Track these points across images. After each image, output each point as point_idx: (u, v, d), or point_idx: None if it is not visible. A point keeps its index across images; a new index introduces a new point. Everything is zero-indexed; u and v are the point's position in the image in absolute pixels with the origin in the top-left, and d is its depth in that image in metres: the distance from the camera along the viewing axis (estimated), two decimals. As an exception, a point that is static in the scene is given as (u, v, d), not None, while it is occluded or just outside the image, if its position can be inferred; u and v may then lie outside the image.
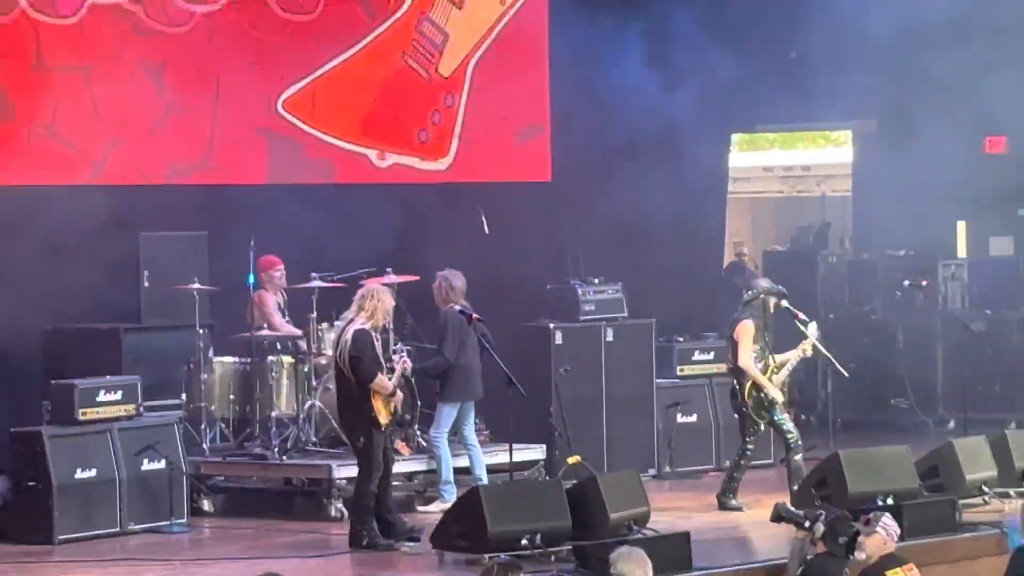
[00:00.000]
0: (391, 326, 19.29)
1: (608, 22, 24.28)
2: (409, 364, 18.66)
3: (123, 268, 21.03)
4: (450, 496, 19.13)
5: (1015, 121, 27.49)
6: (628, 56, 24.20)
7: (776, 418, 19.78)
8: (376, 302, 18.15)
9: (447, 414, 19.77)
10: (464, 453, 19.91)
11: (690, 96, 24.92)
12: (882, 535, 15.37)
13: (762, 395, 19.70)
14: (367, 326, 18.05)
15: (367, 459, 17.98)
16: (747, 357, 19.62)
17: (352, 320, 18.05)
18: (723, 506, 19.77)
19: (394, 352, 18.69)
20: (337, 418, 19.55)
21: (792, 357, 19.95)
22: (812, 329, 20.18)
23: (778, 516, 16.92)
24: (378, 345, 18.27)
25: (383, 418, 17.96)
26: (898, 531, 15.61)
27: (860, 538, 15.42)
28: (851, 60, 25.97)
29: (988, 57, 26.13)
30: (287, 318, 20.99)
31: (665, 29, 24.26)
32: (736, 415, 20.38)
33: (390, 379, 18.09)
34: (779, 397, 19.75)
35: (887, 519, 15.57)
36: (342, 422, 18.64)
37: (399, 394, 18.29)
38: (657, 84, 24.27)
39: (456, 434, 19.95)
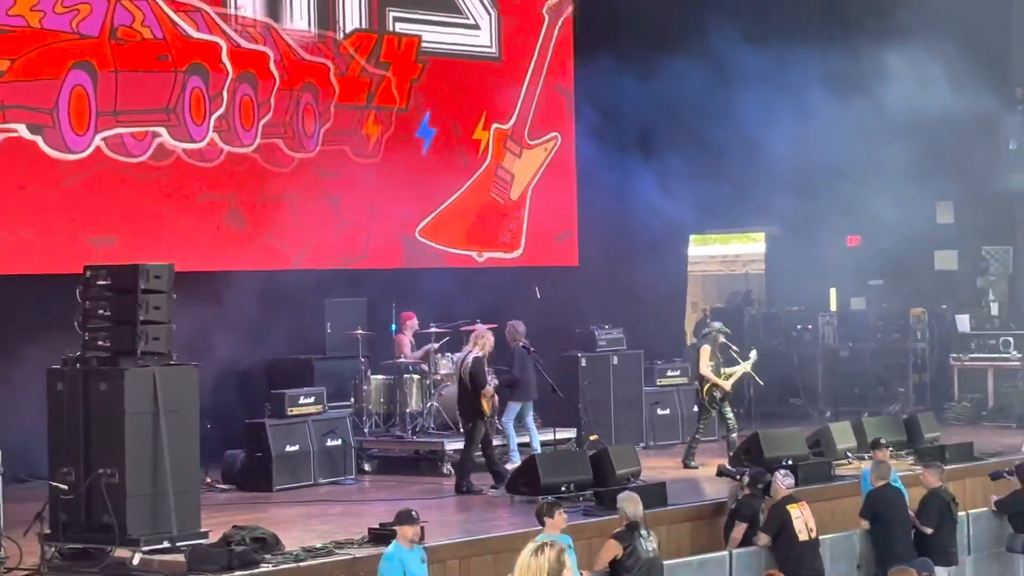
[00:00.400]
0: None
1: (620, 162, 24.18)
2: (496, 380, 19.00)
3: (315, 320, 21.09)
4: (516, 460, 18.99)
5: (865, 226, 27.27)
6: (630, 183, 24.07)
7: (722, 409, 19.66)
8: (484, 339, 18.49)
9: (512, 409, 19.61)
10: (526, 434, 19.68)
11: (666, 210, 24.47)
12: (783, 483, 15.70)
13: (714, 393, 19.55)
14: (480, 354, 18.34)
15: (472, 437, 18.20)
16: (706, 368, 19.55)
17: (471, 350, 18.32)
18: (686, 466, 19.65)
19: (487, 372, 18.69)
20: (455, 411, 19.38)
21: (739, 371, 19.82)
22: (753, 355, 20.10)
23: (720, 472, 17.17)
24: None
25: (486, 411, 18.29)
26: (793, 481, 15.90)
27: (771, 485, 15.81)
28: (765, 188, 25.72)
29: (852, 187, 25.72)
30: (416, 351, 20.86)
31: (656, 168, 23.96)
32: (696, 407, 20.54)
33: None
34: (728, 391, 19.56)
35: (787, 474, 15.97)
36: (460, 413, 18.67)
37: (496, 398, 18.71)
38: (645, 203, 24.04)
39: (520, 422, 19.69)
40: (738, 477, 16.50)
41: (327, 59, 21.92)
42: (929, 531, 16.33)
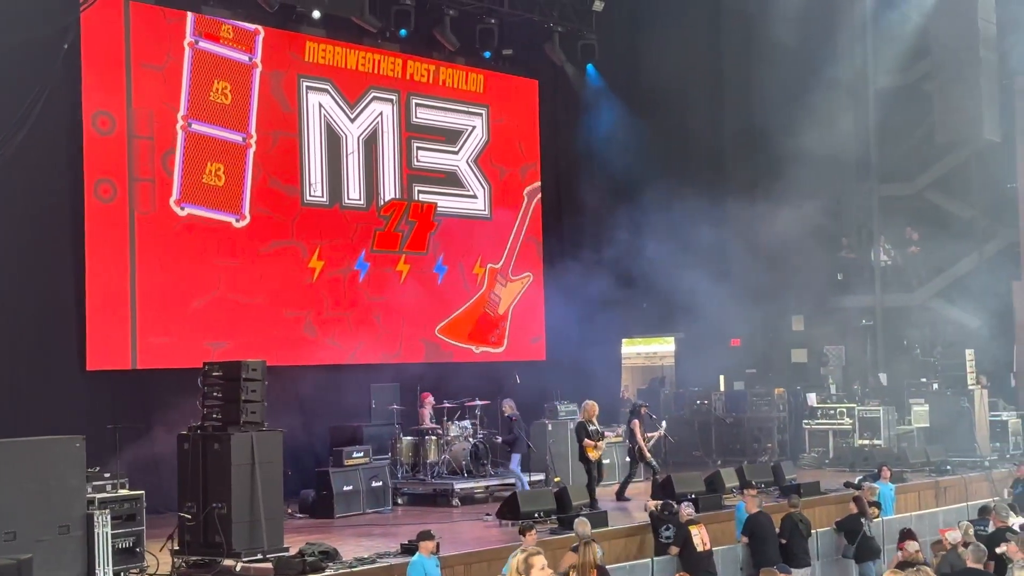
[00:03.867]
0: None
1: (576, 290, 23.55)
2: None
3: (362, 401, 20.68)
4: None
5: (741, 332, 27.68)
6: (583, 304, 23.52)
7: (648, 459, 19.18)
8: (585, 407, 18.28)
9: (515, 458, 19.31)
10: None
11: (607, 322, 24.61)
12: (686, 510, 15.70)
13: (642, 451, 19.07)
14: (581, 419, 18.21)
15: (588, 472, 18.02)
16: (638, 434, 19.11)
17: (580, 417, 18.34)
18: (619, 498, 19.18)
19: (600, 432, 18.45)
20: (461, 461, 19.52)
21: (655, 435, 19.40)
22: (664, 424, 19.99)
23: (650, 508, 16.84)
24: (591, 427, 18.14)
25: (590, 456, 17.98)
26: (694, 510, 15.82)
27: (679, 511, 15.80)
28: (673, 307, 25.54)
29: (736, 305, 25.71)
30: (433, 420, 20.38)
31: (600, 294, 23.53)
32: (628, 458, 19.96)
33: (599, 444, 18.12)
34: (647, 453, 19.06)
35: (690, 504, 15.94)
36: (580, 459, 18.27)
37: (602, 447, 18.26)
38: (593, 318, 23.82)
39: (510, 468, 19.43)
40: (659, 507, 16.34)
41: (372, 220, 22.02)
42: (783, 541, 16.19)
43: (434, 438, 19.98)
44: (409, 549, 13.46)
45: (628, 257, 24.53)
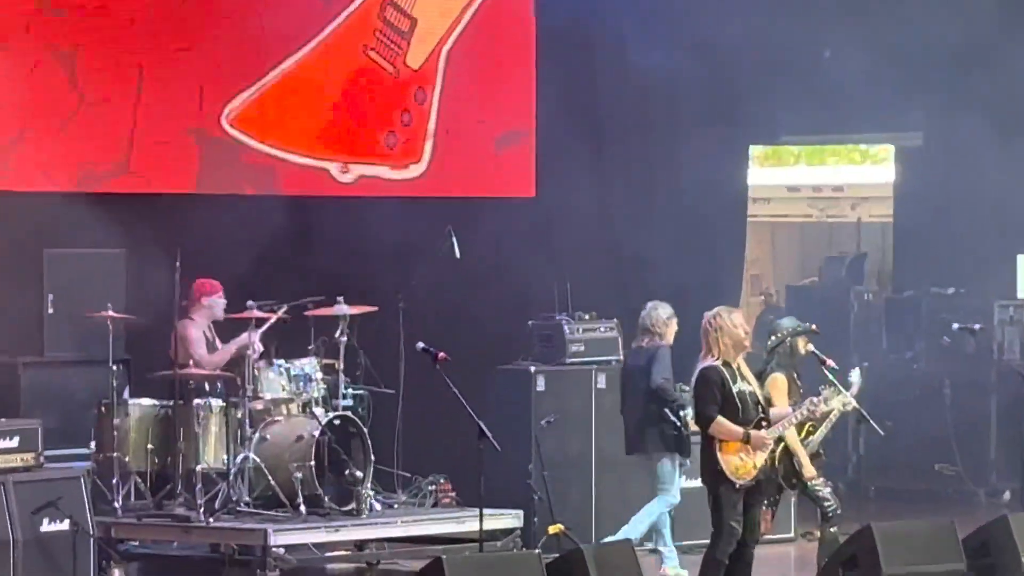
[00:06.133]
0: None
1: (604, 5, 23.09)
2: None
3: (23, 291, 20.09)
4: None
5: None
6: (625, 51, 23.79)
7: (809, 485, 18.65)
8: (717, 332, 17.21)
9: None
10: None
11: (699, 99, 24.63)
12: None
13: (795, 460, 18.63)
14: (717, 363, 16.98)
15: (716, 521, 17.05)
16: (786, 411, 17.67)
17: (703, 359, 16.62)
18: None
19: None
20: (289, 470, 19.57)
21: (833, 409, 18.55)
22: (856, 377, 18.62)
23: None
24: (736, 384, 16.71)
25: (732, 472, 17.11)
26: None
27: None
28: (892, 62, 24.86)
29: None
30: (216, 349, 19.99)
31: (672, 15, 23.49)
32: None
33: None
34: (810, 471, 18.78)
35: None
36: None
37: (764, 444, 17.09)
38: (660, 84, 23.76)
39: None
40: None
41: None
42: None
43: (219, 404, 19.35)
44: None
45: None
